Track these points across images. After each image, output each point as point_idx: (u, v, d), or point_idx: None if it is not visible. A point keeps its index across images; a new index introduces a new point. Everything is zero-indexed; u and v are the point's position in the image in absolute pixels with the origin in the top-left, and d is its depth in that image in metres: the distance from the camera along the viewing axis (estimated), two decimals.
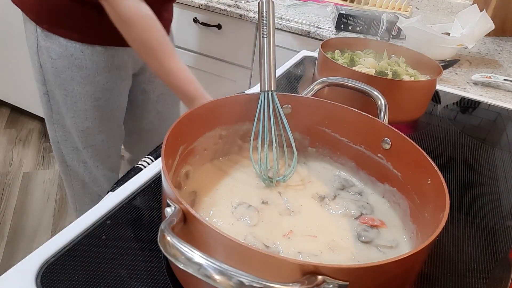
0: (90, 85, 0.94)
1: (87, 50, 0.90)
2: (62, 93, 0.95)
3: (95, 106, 0.98)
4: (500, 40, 1.50)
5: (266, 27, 0.54)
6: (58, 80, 0.94)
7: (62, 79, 0.93)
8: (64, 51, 0.90)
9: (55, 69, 0.93)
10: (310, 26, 1.37)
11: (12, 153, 2.17)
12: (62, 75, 0.93)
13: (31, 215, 1.81)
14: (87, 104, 0.97)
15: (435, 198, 0.42)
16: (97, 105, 0.98)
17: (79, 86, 0.94)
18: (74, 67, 0.92)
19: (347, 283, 0.31)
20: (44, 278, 0.41)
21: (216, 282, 0.29)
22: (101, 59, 0.92)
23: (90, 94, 0.96)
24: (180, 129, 0.47)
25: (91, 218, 0.49)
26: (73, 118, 0.98)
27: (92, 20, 0.88)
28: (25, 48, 0.96)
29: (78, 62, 0.91)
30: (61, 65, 0.92)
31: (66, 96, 0.96)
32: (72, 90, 0.94)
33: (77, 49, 0.90)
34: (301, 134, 0.59)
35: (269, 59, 0.54)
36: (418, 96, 0.80)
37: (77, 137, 1.02)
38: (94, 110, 0.98)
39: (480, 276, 0.49)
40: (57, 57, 0.91)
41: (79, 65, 0.92)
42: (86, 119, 0.99)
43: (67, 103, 0.97)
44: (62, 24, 0.89)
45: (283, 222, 0.48)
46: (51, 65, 0.92)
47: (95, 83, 0.95)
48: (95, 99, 0.97)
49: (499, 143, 0.81)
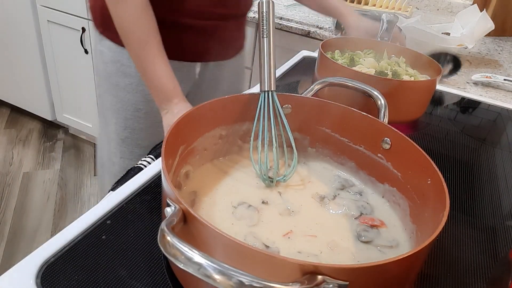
0: (133, 93, 0.92)
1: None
2: (109, 98, 0.95)
3: (135, 117, 0.95)
4: (500, 40, 1.50)
5: (266, 27, 0.55)
6: (107, 84, 0.93)
7: (110, 83, 0.93)
8: (113, 56, 0.89)
9: (106, 73, 0.92)
10: (310, 26, 1.37)
11: (12, 153, 2.17)
12: (111, 80, 0.92)
13: (31, 215, 1.81)
14: (128, 113, 0.95)
15: (435, 198, 0.42)
16: (137, 116, 0.95)
17: (123, 93, 0.92)
18: (121, 73, 0.90)
19: (347, 283, 0.31)
20: (44, 278, 0.41)
21: (216, 282, 0.29)
22: None
23: (132, 103, 0.93)
24: (180, 129, 0.47)
25: (91, 218, 0.49)
26: (115, 124, 0.97)
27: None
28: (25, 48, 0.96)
29: (124, 69, 0.90)
30: (110, 70, 0.91)
31: (112, 102, 0.95)
32: (117, 96, 0.93)
33: (125, 56, 0.88)
34: (301, 134, 0.59)
35: (269, 59, 0.54)
36: (418, 96, 0.80)
37: (117, 144, 1.01)
38: (134, 121, 0.96)
39: (480, 276, 0.49)
40: (108, 61, 0.90)
41: (125, 72, 0.90)
42: (125, 129, 0.97)
43: (112, 108, 0.96)
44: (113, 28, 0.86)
45: (283, 222, 0.48)
46: (102, 68, 0.92)
47: (138, 93, 0.92)
48: (136, 109, 0.94)
49: (499, 143, 0.81)
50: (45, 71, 2.11)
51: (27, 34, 2.02)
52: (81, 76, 2.01)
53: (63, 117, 2.25)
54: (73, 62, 1.99)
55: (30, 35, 2.01)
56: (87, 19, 1.81)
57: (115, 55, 0.89)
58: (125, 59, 0.89)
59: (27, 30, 2.00)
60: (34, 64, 2.10)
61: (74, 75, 2.04)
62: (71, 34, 1.90)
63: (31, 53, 2.06)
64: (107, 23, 0.86)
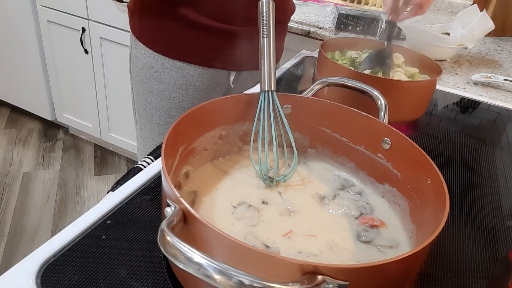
0: (166, 100, 0.92)
1: (168, 64, 0.88)
2: (143, 104, 0.95)
3: (168, 123, 0.95)
4: (500, 40, 1.50)
5: (266, 27, 0.54)
6: (141, 90, 0.93)
7: (144, 89, 0.93)
8: (148, 62, 0.89)
9: (140, 79, 0.92)
10: (310, 26, 1.37)
11: (12, 153, 2.17)
12: (144, 86, 0.92)
13: (31, 215, 1.81)
14: (161, 120, 0.95)
15: (435, 198, 0.42)
16: (171, 123, 0.95)
17: (156, 99, 0.92)
18: (154, 80, 0.90)
19: (347, 283, 0.31)
20: (44, 278, 0.41)
21: (216, 282, 0.29)
22: (179, 75, 0.89)
23: (165, 110, 0.93)
24: (180, 129, 0.47)
25: (91, 218, 0.49)
26: (150, 130, 0.98)
27: (176, 35, 0.85)
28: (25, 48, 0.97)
29: (158, 75, 0.89)
30: (144, 76, 0.91)
31: (146, 107, 0.95)
32: (150, 102, 0.94)
33: (159, 62, 0.88)
34: (301, 134, 0.59)
35: (269, 59, 0.54)
36: (418, 96, 0.80)
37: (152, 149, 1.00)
38: (167, 127, 0.96)
39: (480, 276, 0.49)
40: (142, 67, 0.90)
41: (158, 78, 0.90)
42: (160, 134, 0.98)
43: (146, 114, 0.96)
44: (148, 32, 0.87)
45: (283, 222, 0.48)
46: (137, 74, 0.92)
47: (171, 99, 0.92)
48: (169, 116, 0.94)
49: (499, 143, 0.81)
50: (45, 71, 2.12)
51: (27, 34, 2.02)
52: (81, 76, 2.01)
53: (63, 117, 2.25)
54: (73, 62, 1.99)
55: (30, 35, 2.01)
56: (87, 19, 1.81)
57: (150, 60, 0.89)
58: (159, 65, 0.88)
59: (27, 30, 2.00)
60: (34, 64, 2.10)
61: (74, 75, 2.04)
62: (71, 34, 1.90)
63: (31, 53, 2.06)
64: (143, 28, 0.87)
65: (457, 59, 1.26)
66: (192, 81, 0.90)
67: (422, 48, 0.94)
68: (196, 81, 0.90)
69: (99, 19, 1.78)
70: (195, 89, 0.91)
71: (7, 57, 2.17)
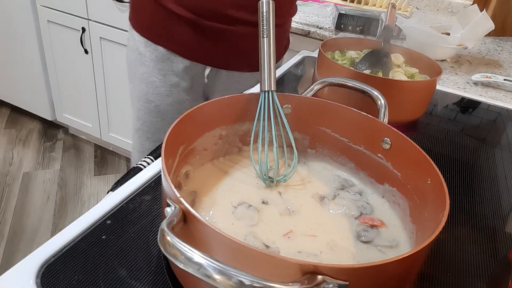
0: (145, 83, 0.92)
1: (150, 47, 0.88)
2: (130, 86, 0.97)
3: (146, 108, 0.95)
4: (500, 40, 1.50)
5: (266, 27, 0.54)
6: (129, 72, 0.95)
7: (130, 72, 0.95)
8: (134, 44, 0.91)
9: (128, 63, 0.94)
10: (310, 26, 1.37)
11: (12, 153, 2.17)
12: (130, 68, 0.94)
13: (31, 215, 1.81)
14: (140, 103, 0.95)
15: (435, 198, 0.42)
16: (147, 108, 0.95)
17: (138, 82, 0.93)
18: (137, 62, 0.91)
19: (347, 283, 0.31)
20: (44, 278, 0.41)
21: (216, 282, 0.29)
22: (159, 59, 0.89)
23: (144, 94, 0.94)
24: (180, 129, 0.47)
25: (91, 218, 0.49)
26: (132, 113, 1.00)
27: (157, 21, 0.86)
28: (25, 48, 0.97)
29: (140, 58, 0.90)
30: (131, 58, 0.93)
31: (131, 90, 0.97)
32: (134, 85, 0.95)
33: (142, 44, 0.89)
34: (301, 134, 0.59)
35: (269, 59, 0.54)
36: (418, 96, 0.80)
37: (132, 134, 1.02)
38: (144, 112, 0.96)
39: (480, 276, 0.49)
40: (130, 50, 0.92)
41: (141, 60, 0.91)
42: (138, 119, 0.98)
43: (131, 96, 0.98)
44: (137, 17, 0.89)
45: (283, 222, 0.48)
46: (127, 56, 0.94)
47: (149, 83, 0.92)
48: (147, 100, 0.94)
49: (499, 143, 0.81)
50: (45, 71, 2.11)
51: (27, 34, 2.02)
52: (81, 76, 2.01)
53: (63, 117, 2.25)
54: (73, 62, 1.99)
55: (30, 35, 2.01)
56: (87, 19, 1.81)
57: (135, 43, 0.90)
58: (142, 47, 0.89)
59: (27, 30, 2.00)
60: (34, 64, 2.10)
61: (74, 75, 2.04)
62: (71, 34, 1.90)
63: (31, 53, 2.06)
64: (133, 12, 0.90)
65: (457, 59, 1.26)
66: (171, 67, 0.90)
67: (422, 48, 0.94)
68: (174, 68, 0.91)
69: (99, 19, 1.78)
70: (172, 75, 0.91)
71: (7, 57, 2.17)
